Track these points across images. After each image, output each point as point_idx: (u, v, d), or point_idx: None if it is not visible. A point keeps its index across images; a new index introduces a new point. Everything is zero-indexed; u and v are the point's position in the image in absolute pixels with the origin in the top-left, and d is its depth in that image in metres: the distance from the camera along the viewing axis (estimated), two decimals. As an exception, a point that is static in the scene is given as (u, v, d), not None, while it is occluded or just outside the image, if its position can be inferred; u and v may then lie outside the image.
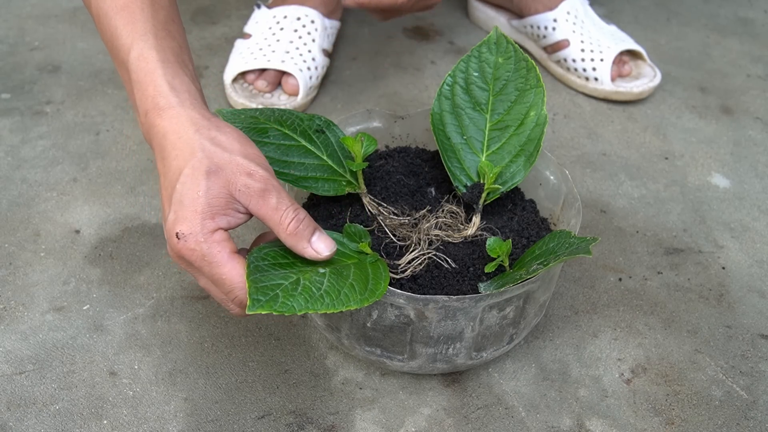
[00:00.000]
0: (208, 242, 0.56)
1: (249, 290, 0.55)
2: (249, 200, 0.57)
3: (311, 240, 0.58)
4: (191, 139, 0.57)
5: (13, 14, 1.13)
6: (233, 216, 0.57)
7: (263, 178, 0.57)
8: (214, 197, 0.56)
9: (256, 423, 0.67)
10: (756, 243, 0.87)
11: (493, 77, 0.75)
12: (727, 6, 1.29)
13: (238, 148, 0.57)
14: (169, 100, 0.59)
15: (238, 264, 0.56)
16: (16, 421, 0.66)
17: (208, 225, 0.56)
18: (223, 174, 0.56)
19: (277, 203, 0.57)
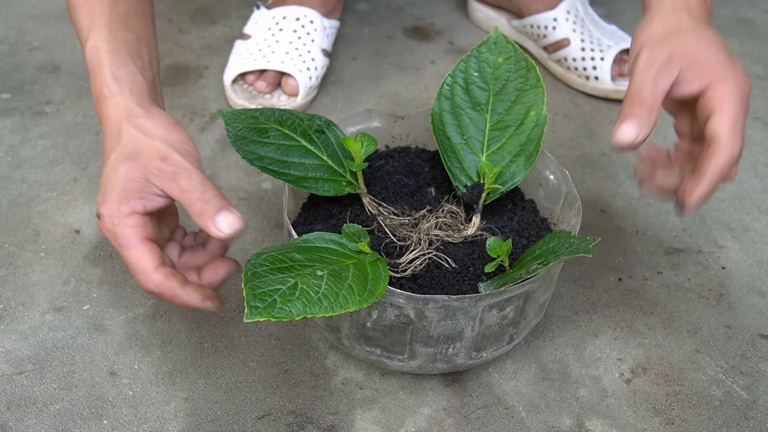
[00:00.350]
0: (122, 225, 0.59)
1: (246, 297, 0.55)
2: (163, 183, 0.59)
3: (215, 219, 0.58)
4: (121, 126, 0.61)
5: (13, 14, 1.13)
6: (150, 199, 0.60)
7: (176, 161, 0.59)
8: (130, 181, 0.59)
9: (256, 423, 0.67)
10: (756, 243, 0.87)
11: (493, 77, 0.75)
12: (727, 6, 1.29)
13: (160, 134, 0.61)
14: (111, 90, 0.63)
15: (146, 250, 0.59)
16: (16, 421, 0.66)
17: (123, 208, 0.59)
18: (141, 159, 0.59)
19: (187, 185, 0.59)
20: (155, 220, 0.62)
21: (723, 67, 0.60)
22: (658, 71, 0.60)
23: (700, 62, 0.60)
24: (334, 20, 1.05)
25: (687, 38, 0.61)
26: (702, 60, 0.60)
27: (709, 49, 0.61)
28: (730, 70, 0.60)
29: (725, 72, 0.60)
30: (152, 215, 0.61)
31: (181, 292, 0.59)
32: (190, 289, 0.60)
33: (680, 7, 0.64)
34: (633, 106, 0.60)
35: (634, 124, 0.59)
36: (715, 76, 0.59)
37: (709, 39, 0.62)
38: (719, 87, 0.60)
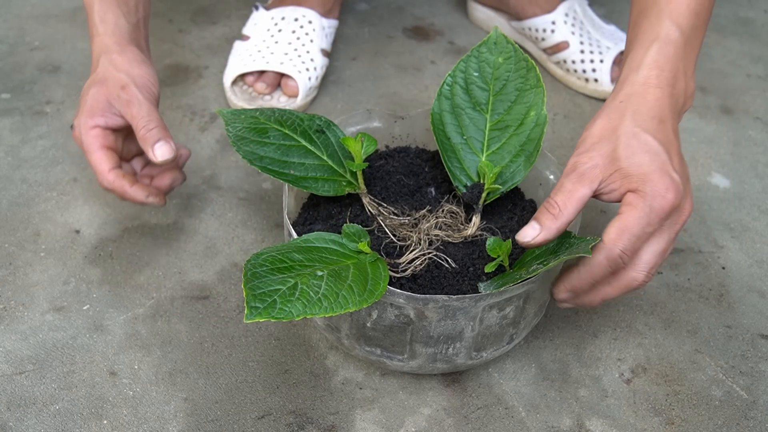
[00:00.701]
0: (86, 134, 0.72)
1: (246, 298, 0.55)
2: (120, 107, 0.72)
3: (153, 146, 0.71)
4: (99, 59, 0.75)
5: (13, 14, 1.13)
6: (110, 118, 0.73)
7: (131, 92, 0.72)
8: (96, 101, 0.73)
9: (256, 423, 0.67)
10: (756, 243, 0.87)
11: (493, 77, 0.75)
12: (727, 6, 1.29)
13: (126, 69, 0.74)
14: (97, 30, 0.76)
15: (104, 155, 0.72)
16: (16, 421, 0.66)
17: (89, 122, 0.72)
18: (106, 85, 0.73)
19: (137, 113, 0.72)
20: (120, 137, 0.75)
21: (644, 178, 0.59)
22: (577, 180, 0.60)
23: (621, 171, 0.59)
24: (332, 20, 1.05)
25: (617, 144, 0.60)
26: (624, 169, 0.59)
27: (636, 158, 0.59)
28: (652, 180, 0.59)
29: (644, 183, 0.58)
30: (116, 132, 0.74)
31: (129, 189, 0.73)
32: (137, 187, 0.73)
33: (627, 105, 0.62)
34: (543, 212, 0.61)
35: (536, 230, 0.61)
36: (631, 186, 0.59)
37: (642, 146, 0.60)
38: (632, 196, 0.59)
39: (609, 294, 0.62)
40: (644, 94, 0.62)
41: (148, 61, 0.76)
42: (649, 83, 0.62)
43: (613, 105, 0.63)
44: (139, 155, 0.79)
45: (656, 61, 0.63)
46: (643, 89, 0.62)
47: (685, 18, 0.64)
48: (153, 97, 0.74)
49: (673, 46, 0.63)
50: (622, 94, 0.63)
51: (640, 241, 0.59)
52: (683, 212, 0.61)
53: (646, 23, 0.64)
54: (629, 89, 0.63)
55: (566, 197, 0.61)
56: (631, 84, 0.63)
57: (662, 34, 0.63)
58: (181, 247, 0.82)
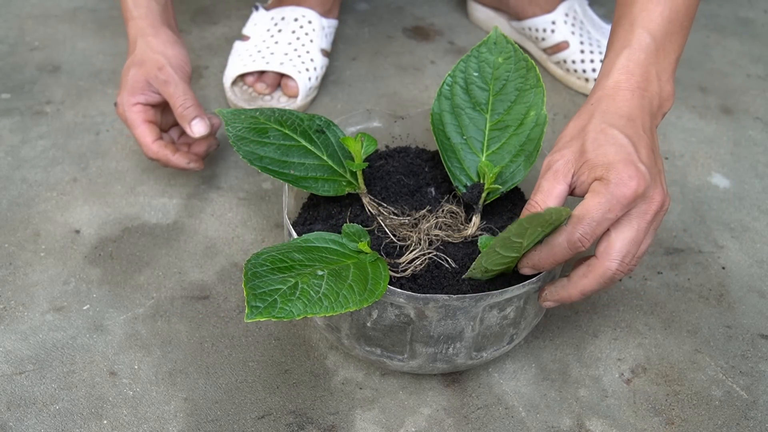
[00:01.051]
0: (129, 111, 0.81)
1: (247, 298, 0.55)
2: (158, 86, 0.81)
3: (190, 123, 0.80)
4: (136, 41, 0.83)
5: (13, 14, 1.13)
6: (149, 95, 0.81)
7: (168, 72, 0.80)
8: (136, 81, 0.81)
9: (256, 423, 0.67)
10: (756, 243, 0.87)
11: (492, 77, 0.75)
12: (727, 6, 1.29)
13: (161, 50, 0.82)
14: (132, 14, 0.84)
15: (147, 129, 0.81)
16: (16, 421, 0.66)
17: (130, 99, 0.81)
18: (144, 66, 0.81)
19: (173, 92, 0.80)
20: (158, 111, 0.84)
21: (608, 167, 0.59)
22: (552, 177, 0.62)
23: (588, 163, 0.60)
24: (332, 20, 1.05)
25: (584, 140, 0.61)
26: (590, 161, 0.60)
27: (601, 150, 0.60)
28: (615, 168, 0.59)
29: (608, 171, 0.59)
30: (154, 106, 0.83)
31: (172, 157, 0.81)
32: (179, 155, 0.82)
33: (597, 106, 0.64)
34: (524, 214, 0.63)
35: None
36: (597, 174, 0.60)
37: (608, 139, 0.61)
38: (596, 183, 0.60)
39: (587, 286, 0.62)
40: (614, 96, 0.64)
41: (180, 42, 0.85)
42: (619, 86, 0.64)
43: (584, 108, 0.65)
44: (175, 125, 0.87)
45: (626, 66, 0.65)
46: (613, 92, 0.64)
47: (657, 25, 0.65)
48: (187, 75, 0.83)
49: (644, 52, 0.65)
50: (593, 97, 0.65)
51: (600, 227, 0.60)
52: (652, 202, 0.61)
53: (620, 31, 0.67)
54: (600, 93, 0.65)
55: (545, 195, 0.62)
56: (602, 88, 0.65)
57: (633, 41, 0.65)
58: (181, 247, 0.82)
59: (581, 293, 0.63)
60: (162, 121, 0.84)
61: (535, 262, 0.63)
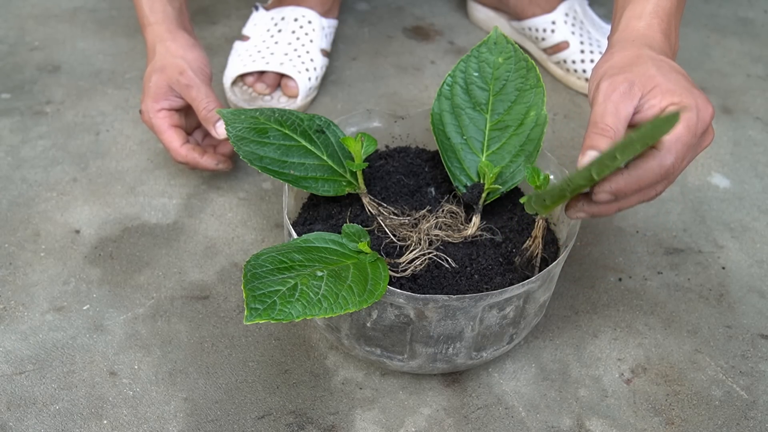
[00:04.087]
0: (155, 117, 0.82)
1: (246, 299, 0.55)
2: (180, 90, 0.82)
3: (216, 124, 0.81)
4: (155, 47, 0.84)
5: (13, 14, 1.13)
6: (173, 100, 0.82)
7: (189, 76, 0.81)
8: (158, 87, 0.82)
9: (256, 423, 0.67)
10: (756, 243, 0.87)
11: (492, 77, 0.75)
12: (727, 6, 1.29)
13: (181, 54, 0.83)
14: (148, 20, 0.84)
15: (174, 133, 0.82)
16: (16, 421, 0.66)
17: (155, 105, 0.82)
18: (166, 71, 0.82)
19: (196, 95, 0.81)
20: (182, 115, 0.84)
21: (683, 92, 0.60)
22: (620, 99, 0.60)
23: (659, 87, 0.60)
24: (332, 19, 1.05)
25: (647, 66, 0.61)
26: (662, 85, 0.60)
27: (670, 76, 0.61)
28: (692, 94, 0.60)
29: (685, 95, 0.60)
30: (178, 111, 0.83)
31: (200, 159, 0.82)
32: (207, 156, 0.83)
33: (640, 42, 0.64)
34: (595, 137, 0.60)
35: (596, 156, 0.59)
36: (674, 99, 0.60)
37: (670, 68, 0.62)
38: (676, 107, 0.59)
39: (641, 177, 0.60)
40: (652, 36, 0.65)
41: (197, 44, 0.86)
42: (652, 28, 0.65)
43: (625, 42, 0.65)
44: (198, 127, 0.88)
45: (656, 12, 0.66)
46: (649, 32, 0.65)
47: None
48: (207, 77, 0.84)
49: (670, 2, 0.66)
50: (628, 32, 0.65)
51: (689, 151, 0.60)
52: (709, 134, 0.62)
53: None
54: (634, 33, 0.65)
55: (615, 118, 0.60)
56: (634, 29, 0.65)
57: None
58: (181, 247, 0.82)
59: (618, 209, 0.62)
60: (186, 125, 0.85)
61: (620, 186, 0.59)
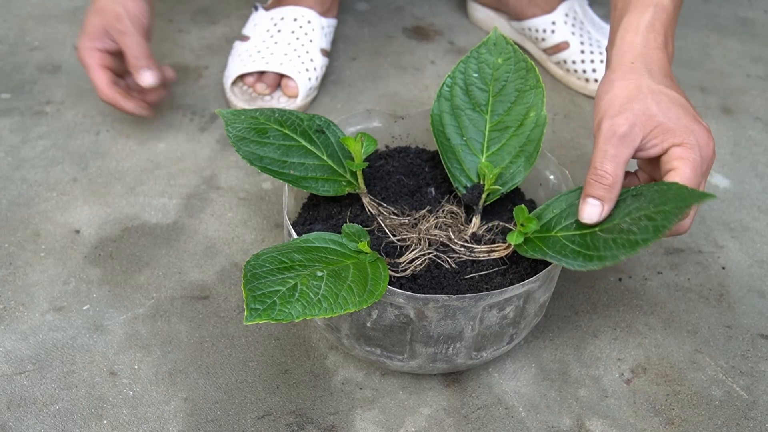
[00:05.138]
0: (87, 55, 0.86)
1: (246, 300, 0.55)
2: (115, 36, 0.85)
3: (141, 72, 0.85)
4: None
5: (13, 14, 1.13)
6: (107, 43, 0.86)
7: (125, 24, 0.84)
8: (95, 28, 0.85)
9: (256, 423, 0.67)
10: (756, 243, 0.87)
11: (492, 78, 0.75)
12: (727, 6, 1.29)
13: (122, 1, 0.85)
14: None
15: (102, 73, 0.86)
16: (16, 421, 0.66)
17: (88, 44, 0.86)
18: (104, 15, 0.85)
19: (129, 42, 0.85)
20: (116, 58, 0.88)
21: (685, 130, 0.61)
22: (620, 143, 0.61)
23: (661, 126, 0.61)
24: (331, 19, 1.05)
25: (647, 103, 0.61)
26: (663, 124, 0.61)
27: (670, 113, 0.61)
28: (692, 131, 0.61)
29: (686, 134, 0.60)
30: (111, 53, 0.87)
31: (122, 101, 0.87)
32: (130, 100, 0.88)
33: (640, 65, 0.64)
34: (595, 185, 0.61)
35: (599, 206, 0.61)
36: (676, 140, 0.60)
37: (670, 100, 0.62)
38: (678, 148, 0.61)
39: None
40: (650, 56, 0.65)
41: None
42: (649, 45, 0.65)
43: (624, 67, 0.65)
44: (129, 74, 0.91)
45: (653, 25, 0.66)
46: (647, 51, 0.65)
47: None
48: (143, 28, 0.86)
49: (665, 12, 0.67)
50: (626, 50, 0.65)
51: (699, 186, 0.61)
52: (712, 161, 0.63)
53: None
54: (633, 52, 0.65)
55: (615, 164, 0.60)
56: (632, 46, 0.65)
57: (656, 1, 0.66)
58: (181, 247, 0.82)
59: None
60: (119, 68, 0.89)
61: None
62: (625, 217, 0.60)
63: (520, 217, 0.64)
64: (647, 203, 0.59)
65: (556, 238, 0.63)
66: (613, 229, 0.60)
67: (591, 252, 0.60)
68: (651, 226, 0.57)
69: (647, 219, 0.58)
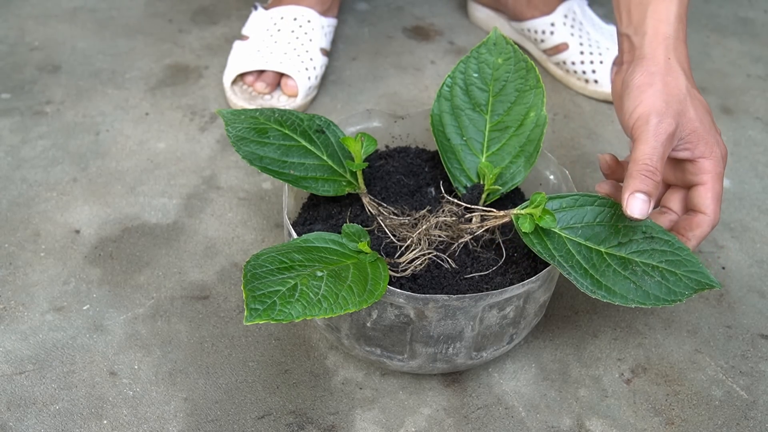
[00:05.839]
0: None
1: (246, 300, 0.55)
2: None
3: None
4: None
5: (13, 14, 1.13)
6: None
7: None
8: None
9: (256, 423, 0.67)
10: (756, 243, 0.87)
11: (492, 78, 0.75)
12: (727, 6, 1.29)
13: None
14: None
15: None
16: (16, 421, 0.66)
17: None
18: None
19: None
20: None
21: (713, 141, 0.64)
22: (667, 141, 0.62)
23: (695, 133, 0.64)
24: (331, 18, 1.05)
25: (688, 108, 0.64)
26: (697, 131, 0.64)
27: (704, 120, 0.65)
28: (717, 142, 0.65)
29: (714, 147, 0.64)
30: None
31: None
32: None
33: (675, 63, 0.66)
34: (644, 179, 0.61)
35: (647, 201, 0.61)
36: (706, 150, 0.64)
37: (703, 107, 0.66)
38: (708, 161, 0.64)
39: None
40: (681, 51, 0.67)
41: None
42: (679, 38, 0.67)
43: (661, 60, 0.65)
44: None
45: (681, 17, 0.67)
46: (678, 44, 0.66)
47: None
48: None
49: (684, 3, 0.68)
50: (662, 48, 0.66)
51: None
52: None
53: None
54: (667, 44, 0.66)
55: (661, 161, 0.62)
56: (666, 38, 0.66)
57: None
58: (181, 247, 0.82)
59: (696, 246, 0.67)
60: None
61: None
62: (635, 252, 0.64)
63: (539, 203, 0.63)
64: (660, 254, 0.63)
65: (560, 237, 0.64)
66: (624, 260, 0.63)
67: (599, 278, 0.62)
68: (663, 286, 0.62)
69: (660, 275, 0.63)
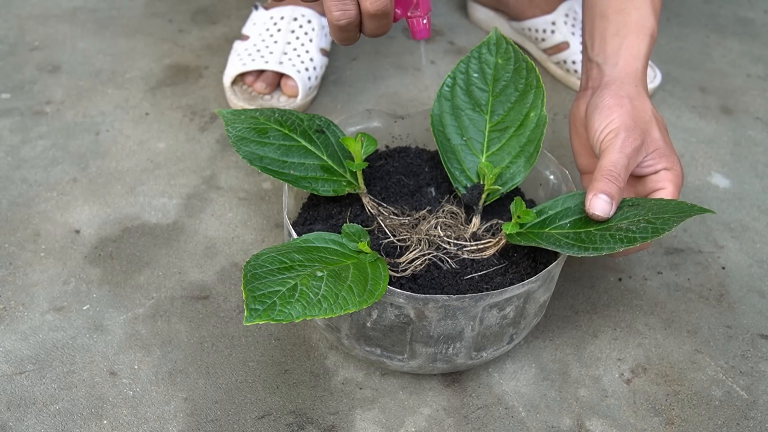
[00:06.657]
0: None
1: (246, 300, 0.55)
2: None
3: None
4: None
5: (13, 14, 1.13)
6: None
7: None
8: None
9: (256, 423, 0.67)
10: (756, 243, 0.87)
11: (492, 78, 0.75)
12: (727, 6, 1.29)
13: None
14: None
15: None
16: (16, 421, 0.66)
17: None
18: None
19: None
20: None
21: (675, 159, 0.70)
22: (634, 155, 0.68)
23: (658, 151, 0.70)
24: (332, 19, 1.05)
25: (653, 129, 0.70)
26: (661, 149, 0.70)
27: (666, 141, 0.71)
28: (677, 159, 0.71)
29: (675, 163, 0.70)
30: None
31: None
32: None
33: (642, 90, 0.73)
34: (609, 183, 0.66)
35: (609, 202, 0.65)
36: (668, 164, 0.70)
37: (665, 128, 0.72)
38: (670, 172, 0.70)
39: None
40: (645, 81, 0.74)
41: None
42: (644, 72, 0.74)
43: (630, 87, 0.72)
44: None
45: (647, 54, 0.75)
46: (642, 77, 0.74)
47: (658, 9, 0.76)
48: None
49: (653, 40, 0.75)
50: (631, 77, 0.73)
51: None
52: None
53: (635, 14, 0.74)
54: (636, 75, 0.73)
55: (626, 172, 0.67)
56: (636, 70, 0.74)
57: (652, 30, 0.75)
58: (181, 247, 0.82)
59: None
60: None
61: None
62: (622, 221, 0.64)
63: (518, 208, 0.67)
64: (646, 211, 0.64)
65: (549, 234, 0.65)
66: (611, 227, 0.64)
67: (587, 244, 0.63)
68: (650, 227, 0.62)
69: (646, 222, 0.63)
